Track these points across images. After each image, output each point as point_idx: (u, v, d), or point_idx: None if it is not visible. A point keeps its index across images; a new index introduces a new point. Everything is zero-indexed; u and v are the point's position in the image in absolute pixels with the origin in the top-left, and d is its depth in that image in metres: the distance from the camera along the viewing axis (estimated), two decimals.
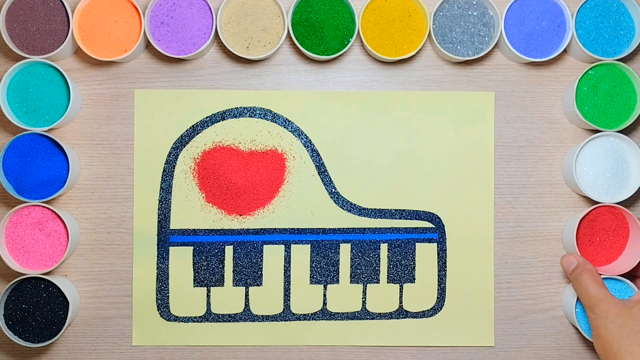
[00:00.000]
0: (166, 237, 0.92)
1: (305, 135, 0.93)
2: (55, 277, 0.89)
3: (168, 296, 0.92)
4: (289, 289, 0.92)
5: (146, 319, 0.92)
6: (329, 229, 0.92)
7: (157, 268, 0.92)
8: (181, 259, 0.92)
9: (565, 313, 0.93)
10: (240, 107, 0.93)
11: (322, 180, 0.92)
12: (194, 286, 0.92)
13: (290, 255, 0.92)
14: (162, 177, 0.92)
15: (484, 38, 0.91)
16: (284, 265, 0.92)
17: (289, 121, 0.93)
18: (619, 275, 0.90)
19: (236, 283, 0.92)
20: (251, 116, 0.93)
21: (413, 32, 0.91)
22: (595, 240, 0.91)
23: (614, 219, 0.91)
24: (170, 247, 0.92)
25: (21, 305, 0.89)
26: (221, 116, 0.93)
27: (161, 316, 0.92)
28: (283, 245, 0.92)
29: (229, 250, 0.92)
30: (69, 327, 0.92)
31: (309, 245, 0.92)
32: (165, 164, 0.92)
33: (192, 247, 0.92)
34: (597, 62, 0.91)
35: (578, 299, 0.89)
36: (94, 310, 0.92)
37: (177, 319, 0.92)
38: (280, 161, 0.93)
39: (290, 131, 0.93)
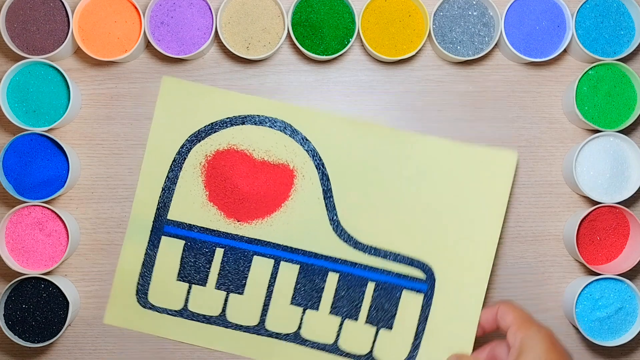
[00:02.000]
0: (161, 226, 0.91)
1: (320, 157, 0.90)
2: (55, 277, 0.89)
3: (149, 283, 0.91)
4: (269, 304, 0.90)
5: (123, 300, 0.91)
6: (322, 254, 0.90)
7: (146, 254, 0.91)
8: (171, 250, 0.91)
9: (565, 313, 0.93)
10: (262, 116, 0.91)
11: (325, 205, 0.91)
12: (177, 280, 0.91)
13: (277, 271, 0.91)
14: (170, 166, 0.92)
15: (484, 38, 0.91)
16: (269, 280, 0.91)
17: (307, 140, 0.91)
18: (619, 275, 0.90)
19: (218, 286, 0.91)
20: (271, 127, 0.91)
21: (413, 32, 0.91)
22: (595, 239, 0.91)
23: (615, 217, 0.91)
24: (162, 236, 0.91)
25: (21, 305, 0.89)
26: (242, 120, 0.91)
27: (138, 301, 0.91)
28: (273, 260, 0.91)
29: (219, 253, 0.91)
30: (69, 327, 0.92)
31: (298, 266, 0.90)
32: (176, 154, 0.91)
33: (183, 241, 0.91)
34: (597, 62, 0.91)
35: (578, 298, 0.89)
36: (94, 310, 0.92)
37: (152, 307, 0.91)
38: (289, 177, 0.91)
39: (306, 150, 0.91)
